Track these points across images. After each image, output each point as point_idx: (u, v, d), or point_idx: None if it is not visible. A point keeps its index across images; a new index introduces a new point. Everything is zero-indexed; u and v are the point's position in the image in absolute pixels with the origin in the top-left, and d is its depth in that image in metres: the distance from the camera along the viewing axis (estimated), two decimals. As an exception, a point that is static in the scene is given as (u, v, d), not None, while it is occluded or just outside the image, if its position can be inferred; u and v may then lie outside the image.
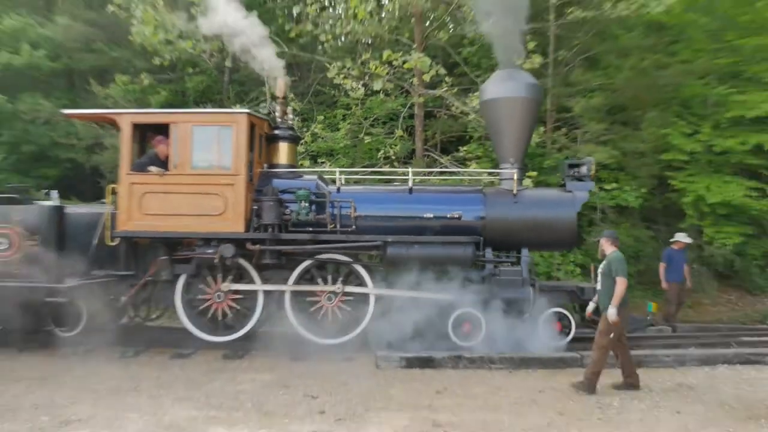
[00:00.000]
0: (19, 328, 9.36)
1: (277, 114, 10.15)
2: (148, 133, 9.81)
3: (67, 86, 18.75)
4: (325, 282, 9.47)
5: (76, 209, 9.89)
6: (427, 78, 12.51)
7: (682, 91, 15.92)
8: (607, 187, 14.51)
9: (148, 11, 12.70)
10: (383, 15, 15.21)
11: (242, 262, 9.31)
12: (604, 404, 6.69)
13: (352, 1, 12.39)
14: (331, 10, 14.92)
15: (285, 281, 9.40)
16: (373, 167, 14.33)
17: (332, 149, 15.00)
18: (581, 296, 9.44)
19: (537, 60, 12.54)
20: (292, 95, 14.01)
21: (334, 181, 9.85)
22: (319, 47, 14.75)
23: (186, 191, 9.04)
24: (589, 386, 7.18)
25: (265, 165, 9.83)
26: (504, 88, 9.74)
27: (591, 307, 7.74)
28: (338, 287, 9.34)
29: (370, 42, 15.25)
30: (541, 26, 15.00)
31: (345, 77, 12.88)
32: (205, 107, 16.17)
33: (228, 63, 15.65)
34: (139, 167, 9.25)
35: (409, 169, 9.99)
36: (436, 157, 13.94)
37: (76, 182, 16.49)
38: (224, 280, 9.38)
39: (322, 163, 13.62)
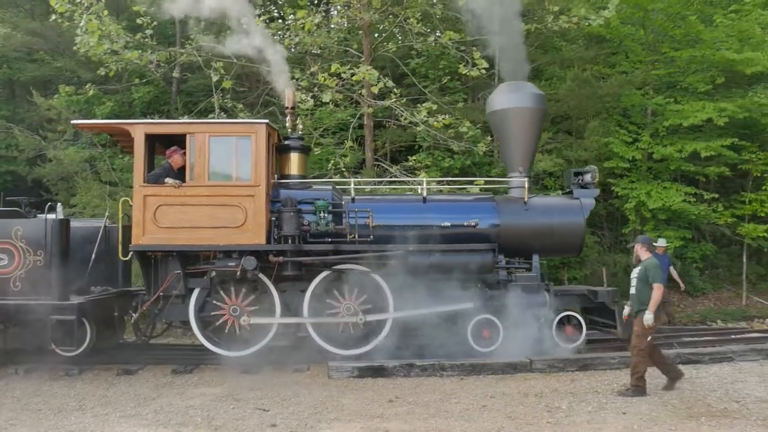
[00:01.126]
0: (18, 348, 9.06)
1: (287, 124, 9.97)
2: (156, 144, 9.49)
3: (8, 97, 18.22)
4: (342, 294, 9.24)
5: (76, 223, 9.61)
6: (375, 90, 12.62)
7: (622, 101, 16.48)
8: (553, 194, 14.85)
9: (93, 21, 12.46)
10: (332, 27, 15.27)
11: (260, 275, 9.02)
12: (552, 407, 6.83)
13: (300, 12, 12.41)
14: (280, 21, 14.87)
15: (302, 292, 9.20)
16: (324, 177, 14.35)
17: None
18: (594, 300, 9.80)
19: (482, 65, 12.78)
20: (240, 106, 13.91)
21: (345, 192, 9.81)
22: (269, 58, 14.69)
23: (204, 203, 8.76)
24: (638, 390, 7.32)
25: (276, 176, 9.64)
26: (511, 99, 10.04)
27: (627, 310, 7.89)
28: (360, 318, 9.10)
29: (318, 53, 15.29)
30: (487, 37, 15.28)
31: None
32: (152, 118, 15.95)
33: (175, 74, 15.47)
34: (154, 179, 8.91)
35: (423, 179, 10.17)
36: (386, 167, 14.04)
37: (17, 195, 16.01)
38: (238, 293, 9.07)
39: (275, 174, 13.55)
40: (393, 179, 12.43)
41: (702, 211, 15.34)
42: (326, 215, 9.04)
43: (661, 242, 12.70)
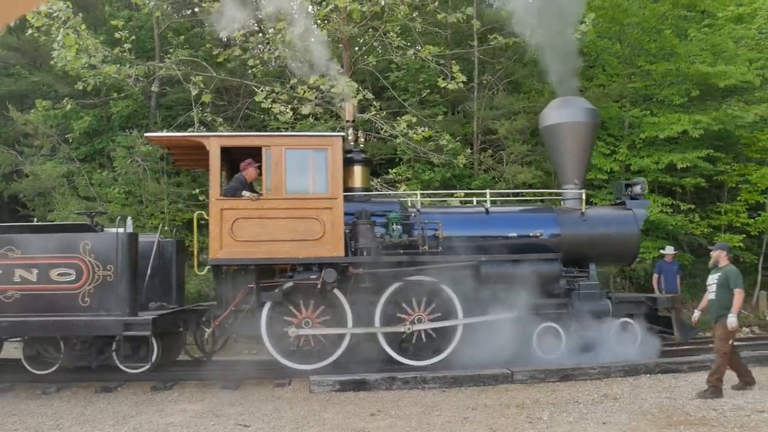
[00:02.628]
0: (83, 365, 8.90)
1: (349, 137, 9.94)
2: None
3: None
4: (410, 306, 9.28)
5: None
6: (355, 102, 12.67)
7: (600, 113, 16.63)
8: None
9: (70, 35, 12.39)
10: (312, 40, 15.32)
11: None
12: (533, 418, 6.84)
13: (279, 24, 12.44)
14: (260, 35, 14.90)
15: (371, 304, 9.17)
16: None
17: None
18: (653, 307, 10.17)
19: (461, 78, 12.89)
20: (220, 119, 13.90)
21: (410, 205, 9.97)
22: (248, 72, 14.71)
23: (281, 216, 8.73)
24: (715, 391, 7.54)
25: None
26: (564, 114, 10.42)
27: (696, 315, 8.29)
28: (409, 326, 9.13)
29: (298, 66, 15.33)
30: (466, 51, 15.44)
31: (273, 101, 12.88)
32: (131, 132, 15.87)
33: (154, 87, 15.43)
34: (231, 192, 8.88)
35: (487, 191, 10.40)
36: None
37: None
38: (307, 306, 9.03)
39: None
40: (454, 191, 12.52)
41: (679, 221, 15.55)
42: (398, 227, 9.13)
43: (669, 249, 12.89)
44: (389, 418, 6.96)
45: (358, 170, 9.83)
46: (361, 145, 10.28)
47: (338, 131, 14.52)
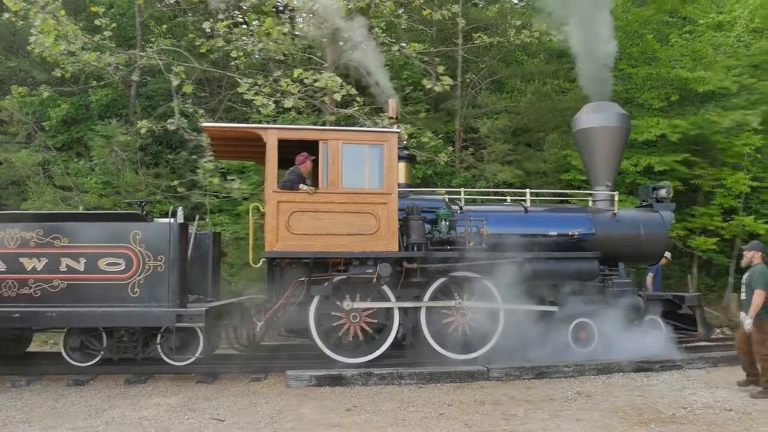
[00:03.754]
0: (129, 357, 8.88)
1: None
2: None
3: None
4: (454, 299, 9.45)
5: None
6: (338, 97, 12.63)
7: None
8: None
9: (48, 20, 12.17)
10: (297, 34, 15.25)
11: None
12: (508, 415, 6.89)
13: (266, 22, 12.35)
14: (244, 26, 14.78)
15: (416, 298, 9.33)
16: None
17: (244, 166, 14.84)
18: (681, 304, 10.60)
19: (447, 82, 12.89)
20: (201, 111, 13.77)
21: (453, 202, 10.21)
22: (231, 63, 14.59)
23: (337, 210, 8.78)
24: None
25: None
26: (597, 118, 10.97)
27: (742, 316, 8.03)
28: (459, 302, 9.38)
29: (282, 60, 15.24)
30: (450, 50, 15.48)
31: (256, 94, 12.79)
32: (110, 122, 15.68)
33: (135, 77, 15.24)
34: (290, 185, 8.88)
35: (527, 190, 10.77)
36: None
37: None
38: (354, 299, 9.12)
39: (232, 180, 13.43)
40: (493, 190, 12.73)
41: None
42: (446, 223, 9.34)
43: (666, 254, 12.96)
44: (365, 414, 6.98)
45: (402, 166, 9.93)
46: (404, 142, 10.37)
47: (322, 119, 14.50)
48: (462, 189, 10.51)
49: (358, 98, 12.87)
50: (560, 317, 9.72)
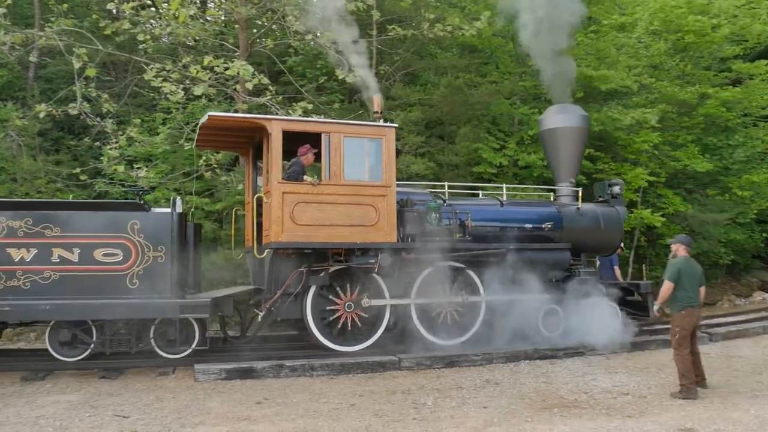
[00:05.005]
0: (122, 351, 8.73)
1: None
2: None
3: None
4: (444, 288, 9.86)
5: None
6: (250, 86, 12.39)
7: (492, 109, 17.22)
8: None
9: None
10: (208, 19, 14.84)
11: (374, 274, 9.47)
12: (419, 404, 7.01)
13: (173, 3, 11.93)
14: (152, 9, 14.24)
15: (407, 287, 9.66)
16: (195, 174, 13.92)
17: (151, 154, 14.35)
18: (637, 291, 11.22)
19: (359, 73, 12.88)
20: (105, 96, 13.19)
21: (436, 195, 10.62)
22: (138, 47, 14.03)
23: (339, 202, 9.02)
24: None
25: None
26: (561, 119, 11.74)
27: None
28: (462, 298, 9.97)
29: (193, 45, 14.80)
30: (364, 41, 15.46)
31: (164, 80, 12.36)
32: (4, 105, 14.78)
33: (33, 58, 14.40)
34: (294, 176, 9.00)
35: (503, 185, 11.35)
36: (260, 165, 13.79)
37: None
38: (352, 290, 9.45)
39: (139, 168, 12.96)
40: (473, 185, 12.88)
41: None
42: (436, 216, 9.70)
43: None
44: (276, 406, 6.92)
45: None
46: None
47: (233, 107, 14.20)
48: (446, 183, 10.95)
49: (270, 87, 12.66)
50: (533, 305, 10.24)
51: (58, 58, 15.65)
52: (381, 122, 9.90)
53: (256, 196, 9.35)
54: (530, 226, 10.81)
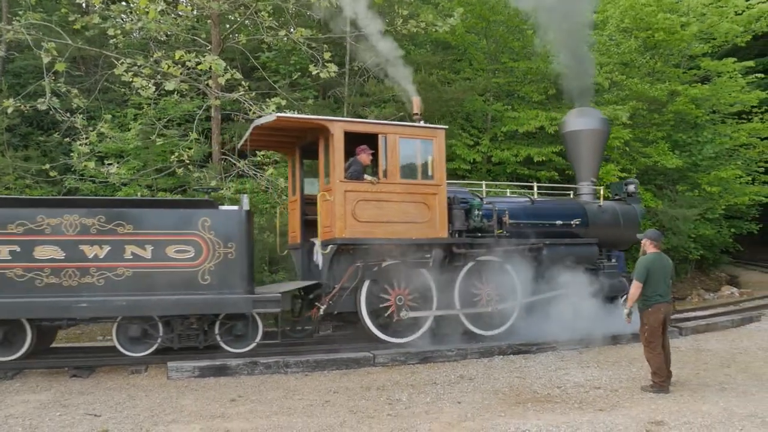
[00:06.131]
0: (191, 346, 8.78)
1: None
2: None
3: None
4: (481, 282, 10.25)
5: None
6: (222, 81, 12.28)
7: (465, 106, 17.30)
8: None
9: None
10: (180, 14, 14.68)
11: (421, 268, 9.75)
12: (393, 400, 7.03)
13: (141, 1, 11.77)
14: (123, 3, 14.04)
15: (451, 281, 9.99)
16: (167, 170, 13.77)
17: (122, 150, 14.16)
18: None
19: (332, 69, 12.86)
20: (75, 91, 12.97)
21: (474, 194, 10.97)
22: (109, 42, 13.82)
23: (396, 200, 9.39)
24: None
25: None
26: (583, 122, 12.35)
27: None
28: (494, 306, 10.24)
29: (164, 40, 14.63)
30: (338, 36, 15.43)
31: (135, 75, 12.20)
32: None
33: (0, 52, 14.13)
34: (356, 175, 9.31)
35: (534, 184, 11.99)
36: (234, 161, 13.73)
37: None
38: (401, 284, 9.64)
39: (110, 164, 12.78)
40: (509, 183, 13.36)
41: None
42: (479, 213, 10.07)
43: None
44: (250, 403, 6.89)
45: None
46: None
47: (206, 103, 14.07)
48: (483, 182, 11.64)
49: (243, 83, 12.57)
50: (563, 298, 10.69)
51: (27, 53, 15.38)
52: (422, 123, 10.26)
53: (319, 194, 9.45)
54: (560, 222, 11.25)
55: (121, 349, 8.66)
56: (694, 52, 20.22)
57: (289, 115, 9.80)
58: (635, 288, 7.36)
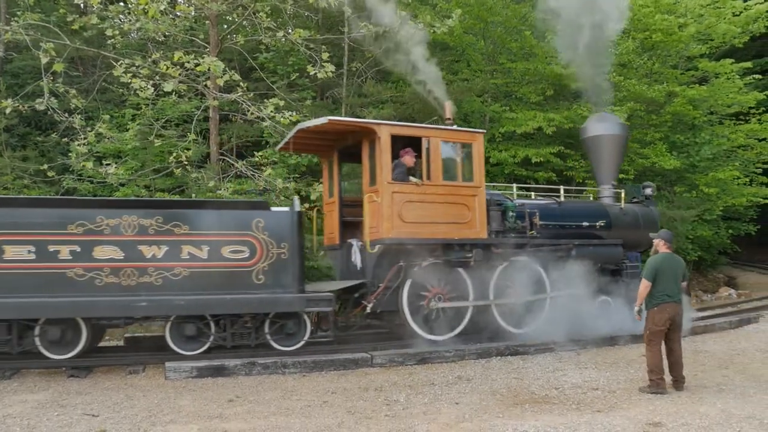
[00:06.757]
0: (245, 344, 9.01)
1: None
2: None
3: None
4: (514, 283, 10.46)
5: None
6: (220, 82, 12.28)
7: (463, 107, 17.31)
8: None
9: None
10: (178, 14, 14.67)
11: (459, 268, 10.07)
12: (391, 401, 7.03)
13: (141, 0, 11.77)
14: (121, 3, 14.03)
15: (486, 280, 10.22)
16: (165, 171, 13.76)
17: (120, 151, 14.15)
18: None
19: (330, 69, 12.86)
20: (73, 91, 12.96)
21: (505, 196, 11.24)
22: (107, 42, 13.80)
23: (439, 201, 9.71)
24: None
25: None
26: (603, 127, 12.72)
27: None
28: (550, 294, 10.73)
29: (162, 41, 14.62)
30: (336, 37, 15.44)
31: (133, 76, 12.19)
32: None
33: (-2, 51, 14.13)
34: (402, 177, 9.60)
35: (561, 187, 12.27)
36: (231, 162, 13.72)
37: None
38: (442, 282, 9.88)
39: (108, 164, 12.77)
40: (540, 186, 13.51)
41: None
42: (513, 214, 10.47)
43: None
44: (248, 404, 6.89)
45: None
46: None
47: (204, 104, 14.06)
48: (514, 185, 12.04)
49: (241, 83, 12.57)
50: (587, 296, 10.95)
51: (25, 53, 15.37)
52: (455, 127, 10.49)
53: (366, 196, 9.63)
54: (587, 224, 11.61)
55: (175, 348, 8.82)
56: (691, 53, 20.25)
57: (340, 118, 10.03)
58: (643, 286, 7.43)
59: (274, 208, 9.26)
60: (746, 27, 20.65)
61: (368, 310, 9.55)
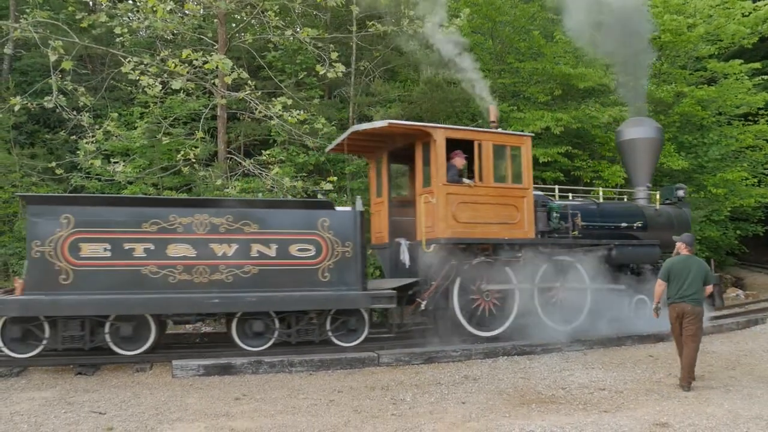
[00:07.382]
0: (311, 340, 9.27)
1: None
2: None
3: None
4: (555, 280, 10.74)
5: None
6: (228, 80, 12.29)
7: (471, 106, 17.25)
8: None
9: None
10: (186, 12, 14.69)
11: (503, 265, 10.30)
12: (398, 400, 7.04)
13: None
14: (130, 1, 14.06)
15: (531, 279, 10.46)
16: (173, 169, 13.80)
17: (128, 149, 14.19)
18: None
19: (340, 68, 12.85)
20: (82, 89, 12.99)
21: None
22: (115, 40, 13.84)
23: (490, 202, 10.02)
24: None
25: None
26: (639, 131, 13.14)
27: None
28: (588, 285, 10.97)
29: (171, 39, 14.64)
30: (344, 36, 15.44)
31: (142, 74, 12.22)
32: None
33: (7, 50, 14.17)
34: (455, 179, 9.90)
35: (600, 189, 12.84)
36: (239, 160, 13.74)
37: None
38: (483, 281, 10.12)
39: (116, 162, 12.80)
40: (573, 188, 13.48)
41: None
42: (557, 215, 10.80)
43: None
44: (254, 402, 6.91)
45: None
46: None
47: (212, 102, 14.08)
48: (556, 186, 12.18)
49: (249, 82, 12.59)
50: (625, 295, 11.41)
51: (34, 51, 15.44)
52: (506, 131, 10.92)
53: (422, 197, 9.91)
54: (625, 224, 11.91)
55: (241, 344, 9.06)
56: (700, 54, 20.12)
57: (399, 121, 10.17)
58: (657, 286, 7.87)
59: (338, 208, 9.55)
60: (755, 28, 20.50)
61: (422, 307, 9.70)
